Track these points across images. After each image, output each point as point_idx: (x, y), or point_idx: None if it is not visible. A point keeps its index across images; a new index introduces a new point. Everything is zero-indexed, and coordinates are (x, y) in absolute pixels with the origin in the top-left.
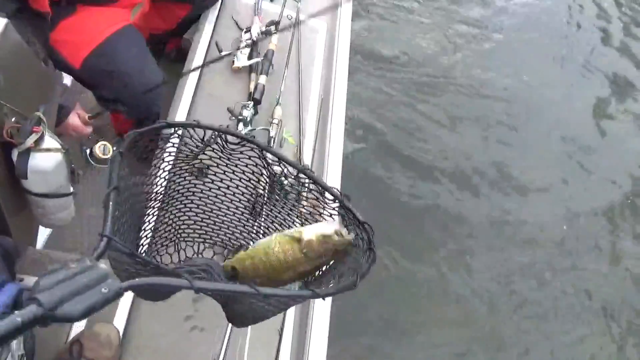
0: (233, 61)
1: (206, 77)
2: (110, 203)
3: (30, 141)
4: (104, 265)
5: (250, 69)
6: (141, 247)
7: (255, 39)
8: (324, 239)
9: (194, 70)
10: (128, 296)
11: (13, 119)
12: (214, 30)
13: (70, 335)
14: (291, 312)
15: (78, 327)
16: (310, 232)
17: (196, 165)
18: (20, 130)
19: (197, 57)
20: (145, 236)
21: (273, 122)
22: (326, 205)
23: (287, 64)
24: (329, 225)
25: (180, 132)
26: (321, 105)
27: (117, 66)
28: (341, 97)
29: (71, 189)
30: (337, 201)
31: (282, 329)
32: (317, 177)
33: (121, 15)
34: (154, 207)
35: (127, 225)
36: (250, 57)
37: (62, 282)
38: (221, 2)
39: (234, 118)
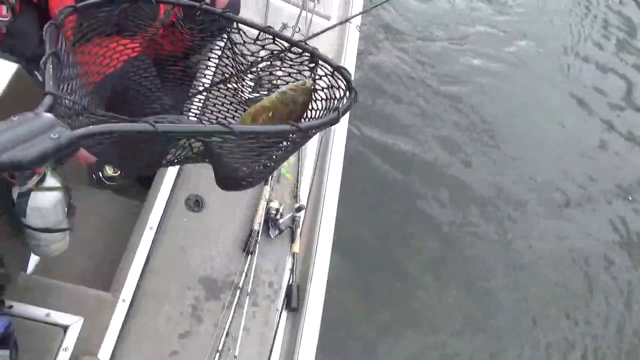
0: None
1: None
2: (50, 66)
3: (31, 183)
4: (49, 114)
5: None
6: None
7: (260, 72)
8: (281, 97)
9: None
10: (114, 328)
11: None
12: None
13: None
14: (277, 352)
15: (63, 359)
16: (269, 97)
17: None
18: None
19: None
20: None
21: None
22: (298, 60)
23: None
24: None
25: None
26: (321, 140)
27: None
28: (341, 133)
29: (67, 225)
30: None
31: None
32: (282, 34)
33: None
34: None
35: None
36: (254, 90)
37: (3, 132)
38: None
39: None
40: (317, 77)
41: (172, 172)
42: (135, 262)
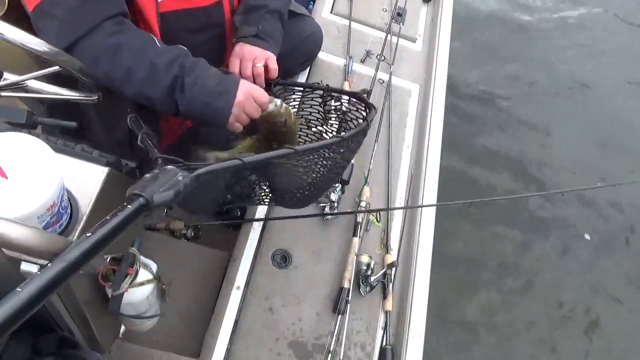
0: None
1: None
2: (149, 141)
3: (124, 286)
4: (171, 166)
5: None
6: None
7: (345, 108)
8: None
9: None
10: None
11: (108, 259)
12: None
13: None
14: None
15: None
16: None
17: None
18: (116, 274)
19: None
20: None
21: (360, 205)
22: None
23: (377, 136)
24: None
25: None
26: (411, 182)
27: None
28: (433, 173)
29: (158, 311)
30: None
31: None
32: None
33: None
34: None
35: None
36: (339, 130)
37: (149, 182)
38: (311, 65)
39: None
40: (343, 103)
41: (257, 226)
42: (224, 326)
